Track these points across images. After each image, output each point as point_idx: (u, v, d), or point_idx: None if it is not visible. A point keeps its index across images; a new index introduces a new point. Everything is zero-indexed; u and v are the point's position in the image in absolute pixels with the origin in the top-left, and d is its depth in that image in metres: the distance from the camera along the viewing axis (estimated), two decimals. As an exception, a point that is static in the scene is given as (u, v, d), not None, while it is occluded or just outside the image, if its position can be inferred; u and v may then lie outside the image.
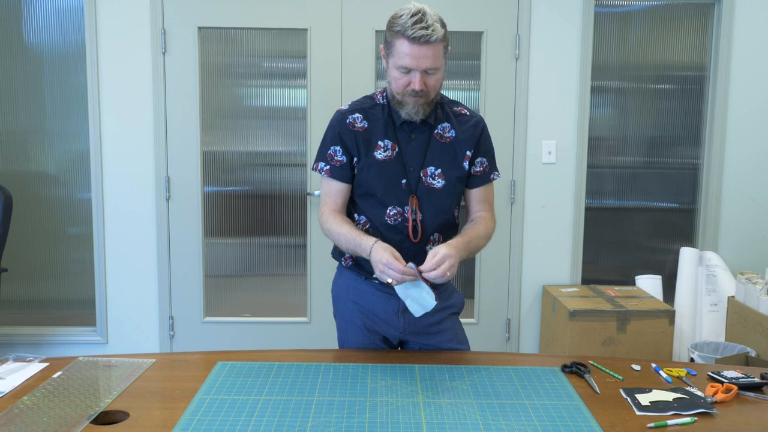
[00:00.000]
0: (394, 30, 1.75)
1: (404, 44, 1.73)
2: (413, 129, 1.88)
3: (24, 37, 3.54)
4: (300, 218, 3.65)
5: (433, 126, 1.89)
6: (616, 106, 3.68)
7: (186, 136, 3.55)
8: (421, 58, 1.73)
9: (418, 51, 1.72)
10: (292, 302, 3.70)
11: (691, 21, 3.63)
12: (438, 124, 1.90)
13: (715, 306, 3.59)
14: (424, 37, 1.70)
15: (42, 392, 1.56)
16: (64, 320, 3.72)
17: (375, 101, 1.93)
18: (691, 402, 1.55)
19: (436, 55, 1.74)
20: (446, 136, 1.90)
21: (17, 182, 3.59)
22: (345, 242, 1.84)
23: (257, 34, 3.53)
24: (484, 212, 1.99)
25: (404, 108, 1.83)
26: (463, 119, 1.94)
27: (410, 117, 1.84)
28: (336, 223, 1.86)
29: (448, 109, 1.94)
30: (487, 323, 3.73)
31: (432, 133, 1.89)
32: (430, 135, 1.89)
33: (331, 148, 1.90)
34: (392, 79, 1.81)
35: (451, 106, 1.95)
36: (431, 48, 1.72)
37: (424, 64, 1.74)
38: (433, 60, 1.74)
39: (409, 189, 1.87)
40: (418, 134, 1.89)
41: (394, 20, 1.77)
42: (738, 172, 3.67)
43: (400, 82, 1.79)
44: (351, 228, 1.84)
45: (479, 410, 1.50)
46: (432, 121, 1.89)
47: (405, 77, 1.77)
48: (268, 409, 1.49)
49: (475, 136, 1.93)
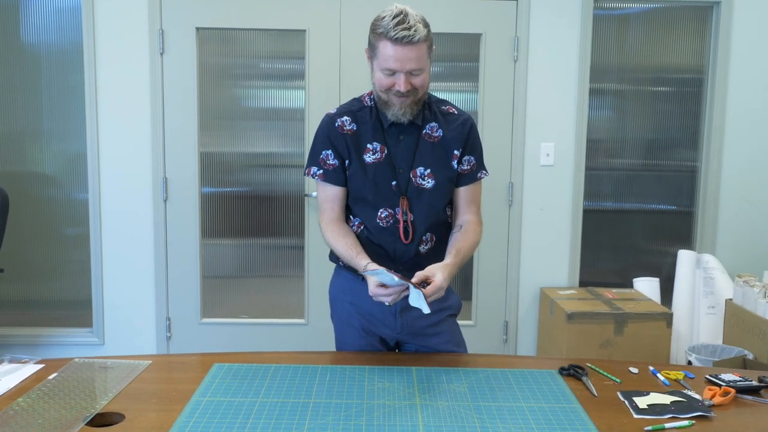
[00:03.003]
0: (377, 32, 1.75)
1: (387, 46, 1.73)
2: (401, 130, 1.88)
3: (21, 37, 3.54)
4: (298, 219, 3.64)
5: (420, 126, 1.89)
6: (615, 108, 3.68)
7: (184, 136, 3.54)
8: (404, 60, 1.73)
9: (402, 52, 1.72)
10: (290, 304, 3.70)
11: (689, 24, 3.63)
12: (426, 125, 1.90)
13: (712, 309, 3.59)
14: (407, 37, 1.70)
15: (37, 394, 1.55)
16: (60, 321, 3.71)
17: (363, 104, 1.93)
18: (689, 405, 1.54)
19: (420, 55, 1.74)
20: (434, 136, 1.90)
21: (14, 182, 3.58)
22: (342, 256, 1.87)
23: (256, 35, 3.53)
24: (470, 215, 1.96)
25: (390, 109, 1.83)
26: (451, 118, 1.94)
27: (397, 118, 1.84)
28: (334, 237, 1.87)
29: (435, 109, 1.93)
30: (484, 325, 3.72)
31: (420, 133, 1.89)
32: (419, 136, 1.89)
33: (323, 152, 1.90)
34: (377, 81, 1.81)
35: (438, 105, 1.95)
36: (414, 49, 1.72)
37: (408, 65, 1.74)
38: (417, 61, 1.74)
39: (399, 190, 1.87)
40: (407, 136, 1.89)
41: (376, 22, 1.77)
42: (735, 174, 3.68)
43: (385, 83, 1.79)
44: (347, 245, 1.84)
45: (476, 413, 1.50)
46: (420, 122, 1.89)
47: (389, 79, 1.77)
48: (265, 411, 1.49)
49: (463, 135, 1.92)
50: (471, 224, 1.94)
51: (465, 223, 1.95)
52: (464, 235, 1.90)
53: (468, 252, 1.87)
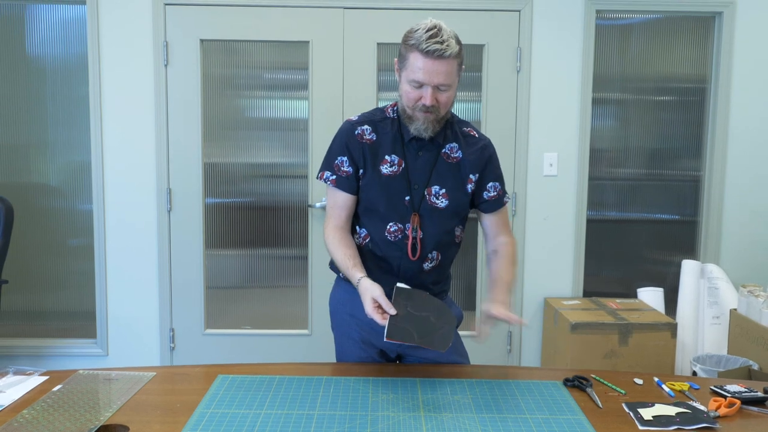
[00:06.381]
0: (409, 43, 1.74)
1: (418, 58, 1.72)
2: (421, 146, 1.88)
3: (27, 49, 3.56)
4: (301, 230, 3.64)
5: (441, 145, 1.89)
6: (618, 118, 3.69)
7: (187, 147, 3.55)
8: (433, 73, 1.72)
9: (431, 66, 1.71)
10: (293, 314, 3.69)
11: (692, 33, 3.64)
12: (446, 144, 1.89)
13: (717, 319, 3.58)
14: (438, 51, 1.69)
15: (42, 406, 1.55)
16: (64, 332, 3.71)
17: (385, 114, 1.92)
18: (694, 416, 1.54)
19: (450, 71, 1.73)
20: (453, 156, 1.90)
21: (18, 193, 3.59)
22: (338, 264, 1.87)
23: (259, 46, 3.55)
24: (504, 236, 2.00)
25: (414, 123, 1.82)
26: (471, 141, 1.93)
27: (419, 133, 1.82)
28: (334, 245, 1.87)
29: (457, 129, 1.93)
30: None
31: (439, 152, 1.89)
32: (438, 154, 1.88)
33: (338, 158, 1.89)
34: (404, 93, 1.80)
35: (460, 126, 1.95)
36: (445, 63, 1.71)
37: (436, 79, 1.73)
38: (446, 76, 1.73)
39: (412, 206, 1.87)
40: (426, 152, 1.88)
41: (409, 34, 1.76)
42: (739, 183, 3.67)
43: (411, 96, 1.77)
44: (345, 255, 1.84)
45: (481, 424, 1.50)
46: (441, 140, 1.88)
47: (416, 91, 1.76)
48: (269, 423, 1.49)
49: (483, 160, 1.92)
50: (504, 245, 1.98)
51: (499, 246, 1.98)
52: (504, 262, 1.94)
53: (513, 276, 1.92)
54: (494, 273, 1.93)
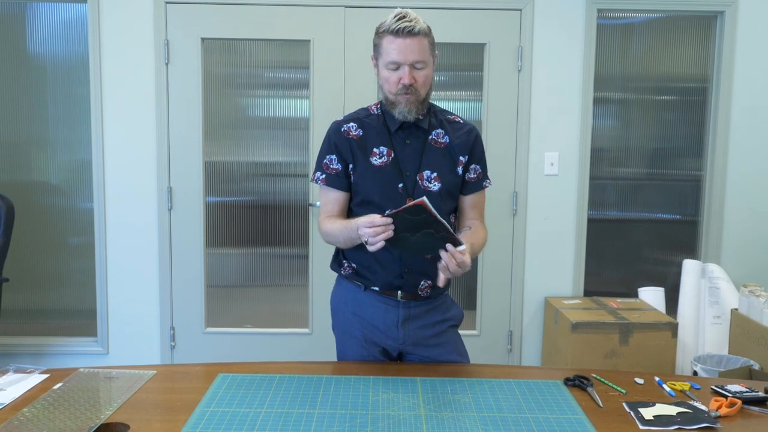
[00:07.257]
0: (380, 32, 1.85)
1: (390, 40, 1.81)
2: (408, 135, 1.92)
3: (28, 47, 3.56)
4: (302, 229, 3.64)
5: (427, 131, 1.93)
6: (619, 117, 3.68)
7: (189, 146, 3.55)
8: (407, 51, 1.79)
9: (403, 44, 1.79)
10: (294, 313, 3.69)
11: (693, 33, 3.64)
12: (432, 130, 1.94)
13: (718, 318, 3.58)
14: (408, 27, 1.78)
15: (42, 404, 1.55)
16: (65, 330, 3.71)
17: (369, 112, 1.98)
18: (695, 416, 1.54)
19: (422, 48, 1.81)
20: (440, 142, 1.94)
21: (19, 191, 3.59)
22: (340, 233, 1.86)
23: (260, 45, 3.55)
24: (476, 220, 2.01)
25: (397, 107, 1.86)
26: (456, 126, 1.98)
27: (404, 117, 1.87)
28: (329, 223, 1.91)
29: (441, 117, 1.98)
30: (489, 335, 3.72)
31: (427, 138, 1.93)
32: (425, 140, 1.93)
33: (327, 157, 1.94)
34: (383, 81, 1.86)
35: (444, 115, 2.00)
36: (416, 40, 1.79)
37: (411, 56, 1.80)
38: (419, 53, 1.80)
39: (406, 192, 1.89)
40: (413, 140, 1.92)
41: (379, 26, 1.86)
42: (740, 183, 3.67)
43: (392, 80, 1.83)
44: (340, 223, 1.87)
45: (481, 424, 1.49)
46: (426, 127, 1.92)
47: (395, 74, 1.83)
48: (270, 421, 1.49)
49: (469, 143, 1.96)
50: (478, 226, 1.99)
51: (473, 225, 1.98)
52: (474, 232, 1.94)
53: (477, 248, 1.90)
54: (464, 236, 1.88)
